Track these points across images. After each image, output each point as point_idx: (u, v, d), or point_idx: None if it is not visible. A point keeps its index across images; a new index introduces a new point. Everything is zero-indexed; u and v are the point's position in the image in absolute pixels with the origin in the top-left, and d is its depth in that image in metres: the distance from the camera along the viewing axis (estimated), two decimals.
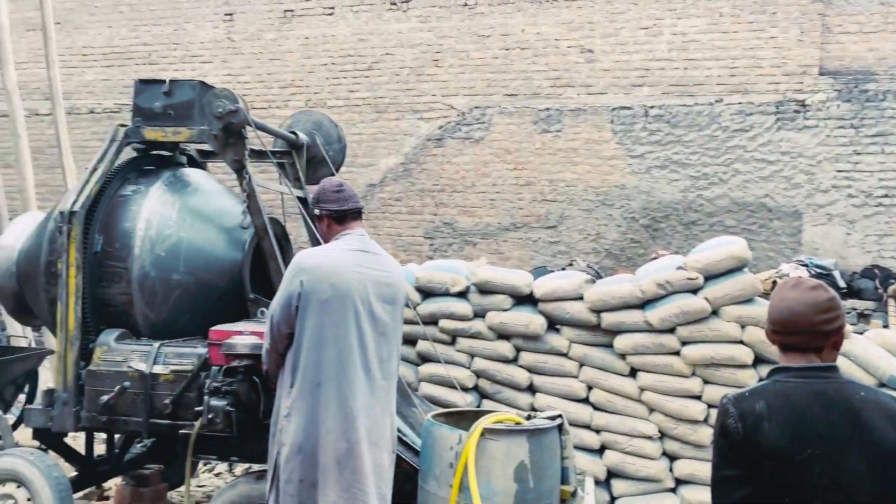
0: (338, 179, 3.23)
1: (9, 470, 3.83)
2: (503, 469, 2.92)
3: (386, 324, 3.00)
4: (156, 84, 4.22)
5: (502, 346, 5.21)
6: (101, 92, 11.35)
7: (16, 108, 7.48)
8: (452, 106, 9.72)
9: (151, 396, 3.75)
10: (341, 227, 3.10)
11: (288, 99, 10.34)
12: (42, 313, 4.32)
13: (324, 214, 3.11)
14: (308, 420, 2.80)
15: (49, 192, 10.12)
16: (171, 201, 4.20)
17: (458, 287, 5.31)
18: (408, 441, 3.87)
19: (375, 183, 9.97)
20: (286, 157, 4.82)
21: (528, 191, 9.46)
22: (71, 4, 11.35)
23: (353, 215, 3.13)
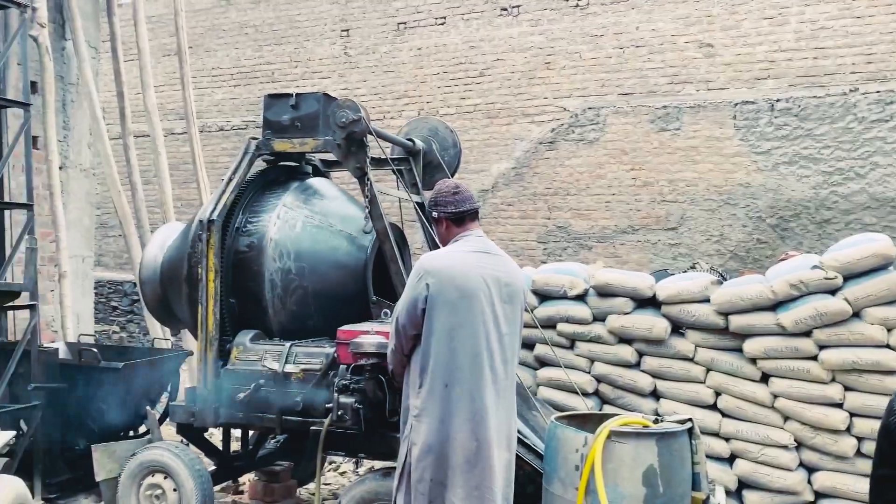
0: (454, 181, 3.25)
1: (157, 462, 4.11)
2: (631, 473, 2.85)
3: (508, 324, 3.01)
4: (283, 98, 4.44)
5: (624, 351, 5.08)
6: (230, 110, 12.04)
7: (156, 127, 8.06)
8: (565, 108, 9.62)
9: (284, 394, 3.93)
10: (460, 229, 3.12)
11: (401, 109, 10.58)
12: (184, 316, 4.62)
13: (442, 217, 3.13)
14: (439, 420, 2.84)
15: (184, 206, 10.84)
16: (298, 209, 4.40)
17: (576, 290, 5.24)
18: (530, 443, 3.86)
19: (487, 188, 10.01)
20: (404, 164, 4.94)
21: (646, 192, 9.20)
22: (201, 29, 12.13)
23: (470, 216, 3.14)
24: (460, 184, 3.23)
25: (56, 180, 6.61)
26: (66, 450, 5.04)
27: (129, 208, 7.71)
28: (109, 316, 11.57)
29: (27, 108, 5.70)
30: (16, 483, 3.29)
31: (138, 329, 11.10)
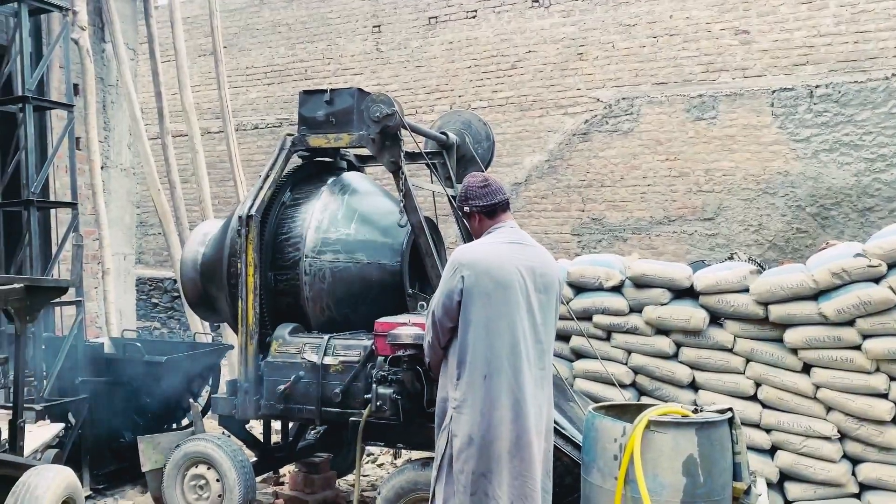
0: (482, 174, 3.25)
1: (200, 452, 4.21)
2: (671, 462, 2.83)
3: (544, 314, 3.01)
4: (318, 94, 4.48)
5: (661, 342, 5.04)
6: (264, 108, 12.19)
7: (193, 126, 8.20)
8: (598, 99, 9.54)
9: (323, 386, 3.99)
10: (492, 221, 3.12)
11: (433, 104, 10.60)
12: (224, 311, 4.71)
13: (474, 211, 3.13)
14: (479, 412, 2.85)
15: (221, 204, 11.02)
16: (334, 203, 4.45)
17: (612, 281, 5.21)
18: (567, 434, 3.86)
19: (521, 181, 9.98)
20: (437, 158, 4.95)
21: (681, 182, 9.09)
22: (235, 29, 12.29)
23: (502, 208, 3.14)
24: (489, 176, 3.24)
25: (98, 180, 6.77)
26: (112, 441, 5.17)
27: (168, 206, 7.87)
28: (150, 312, 11.82)
29: (70, 109, 5.85)
30: (66, 473, 3.39)
31: (178, 325, 11.32)
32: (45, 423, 4.69)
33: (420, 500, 3.52)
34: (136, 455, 4.59)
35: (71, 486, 3.40)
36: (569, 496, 3.80)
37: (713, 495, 2.86)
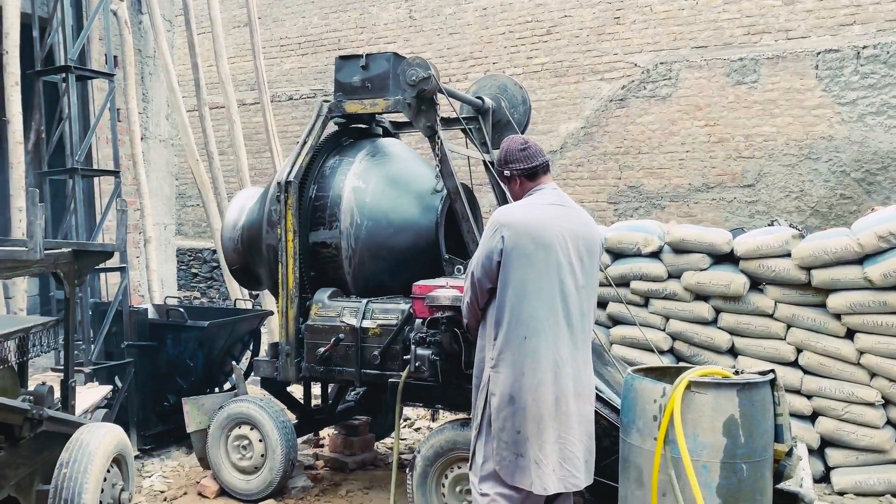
0: (521, 137, 3.20)
1: (243, 414, 4.30)
2: (711, 423, 2.81)
3: (585, 277, 2.99)
4: (354, 59, 4.47)
5: (700, 308, 5.00)
6: (298, 79, 12.22)
7: (230, 96, 8.25)
8: (636, 64, 9.37)
9: (362, 349, 4.04)
10: (533, 184, 3.09)
11: (467, 72, 10.52)
12: (264, 277, 4.78)
13: (514, 174, 3.10)
14: (518, 372, 2.85)
15: (258, 175, 11.12)
16: (370, 169, 4.46)
17: (650, 247, 5.17)
18: (605, 397, 3.86)
19: (556, 149, 9.88)
20: (473, 123, 4.92)
21: (720, 148, 8.92)
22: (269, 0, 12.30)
23: (543, 170, 3.11)
24: (528, 139, 3.19)
25: (138, 150, 6.88)
26: (157, 404, 5.32)
27: (206, 177, 7.96)
28: (190, 282, 12.06)
29: (111, 78, 5.93)
30: (117, 430, 3.50)
31: (218, 294, 11.54)
32: (94, 385, 4.84)
33: (459, 459, 3.56)
34: (180, 417, 4.71)
35: (121, 444, 3.51)
36: (606, 458, 3.82)
37: (754, 456, 2.84)
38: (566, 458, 2.90)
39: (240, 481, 4.31)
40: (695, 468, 2.78)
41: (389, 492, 3.90)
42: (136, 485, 4.42)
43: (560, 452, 2.88)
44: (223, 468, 4.35)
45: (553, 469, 2.87)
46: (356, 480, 4.71)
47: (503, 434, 2.87)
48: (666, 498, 2.84)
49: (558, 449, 2.88)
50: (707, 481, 2.80)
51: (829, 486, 4.54)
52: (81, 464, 3.20)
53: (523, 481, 2.86)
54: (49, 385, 3.51)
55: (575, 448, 2.92)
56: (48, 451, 3.41)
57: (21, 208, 5.72)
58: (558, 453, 2.88)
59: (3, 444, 3.12)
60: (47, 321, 3.58)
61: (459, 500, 3.61)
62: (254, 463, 4.28)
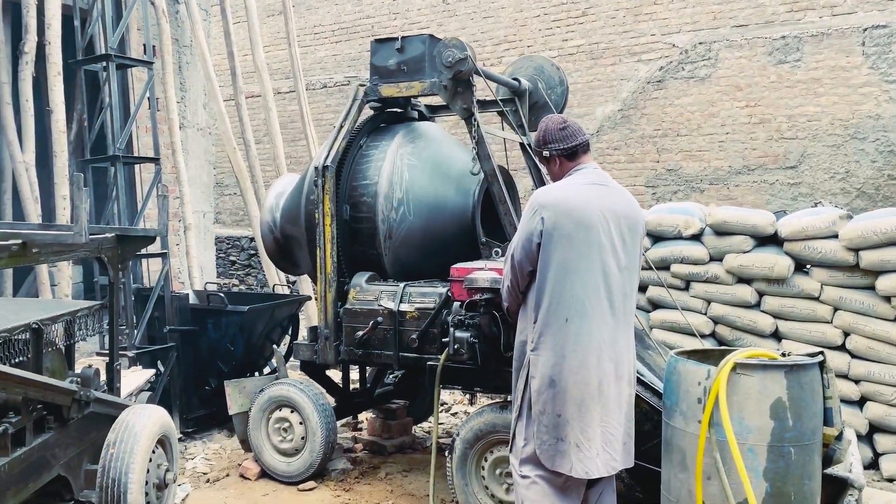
0: (559, 116, 3.12)
1: (284, 396, 4.35)
2: (758, 405, 2.75)
3: (628, 257, 2.94)
4: (389, 42, 4.45)
5: (742, 291, 4.90)
6: (332, 67, 12.24)
7: (265, 84, 8.30)
8: (674, 44, 9.18)
9: (400, 332, 4.04)
10: (573, 163, 3.03)
11: (501, 55, 10.42)
12: (303, 262, 4.81)
13: (553, 154, 3.03)
14: (558, 355, 2.81)
15: (294, 163, 11.20)
16: (407, 153, 4.44)
17: (691, 229, 5.07)
18: (646, 381, 3.81)
19: (592, 132, 9.75)
20: (509, 104, 4.87)
21: (762, 129, 8.71)
22: None
23: (583, 149, 3.04)
24: (567, 118, 3.12)
25: (177, 138, 6.96)
26: (199, 388, 5.41)
27: (244, 165, 8.03)
28: (228, 270, 12.22)
29: (150, 66, 6.01)
30: (161, 412, 3.56)
31: (256, 282, 11.68)
32: (138, 368, 4.93)
33: (498, 442, 3.55)
34: (221, 401, 4.78)
35: (165, 425, 3.57)
36: (647, 443, 3.77)
37: (803, 439, 2.77)
38: (608, 441, 2.87)
39: (281, 463, 4.36)
40: (741, 451, 2.73)
41: (428, 475, 3.91)
42: (180, 467, 4.50)
43: (602, 436, 2.85)
44: (264, 450, 4.40)
45: (597, 453, 2.83)
46: (395, 463, 4.73)
47: (543, 417, 2.84)
48: (711, 481, 2.79)
49: (601, 432, 2.84)
50: (753, 465, 2.74)
51: (877, 472, 4.43)
52: (128, 444, 3.26)
53: (563, 465, 2.83)
54: (95, 368, 3.58)
55: (615, 431, 2.88)
56: (95, 433, 3.48)
57: (65, 196, 5.84)
58: (601, 437, 2.84)
59: (53, 424, 3.20)
60: (92, 305, 3.65)
61: (499, 482, 3.60)
62: (294, 445, 4.32)
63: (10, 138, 6.50)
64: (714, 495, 2.78)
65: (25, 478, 2.95)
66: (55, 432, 3.18)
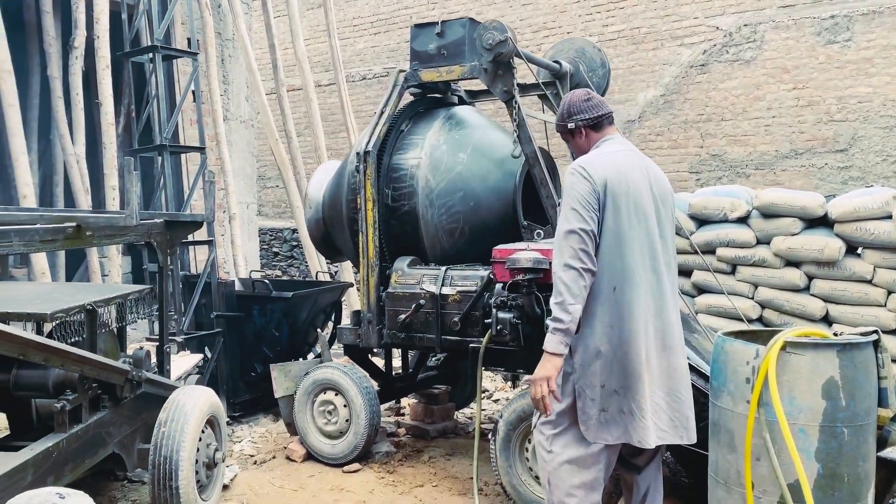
0: (583, 90, 3.04)
1: (329, 379, 4.40)
2: (809, 385, 2.69)
3: (669, 225, 2.88)
4: (429, 27, 4.45)
5: (791, 274, 4.79)
6: (371, 58, 12.31)
7: (306, 75, 8.40)
8: (718, 27, 9.00)
9: (442, 315, 4.06)
10: (599, 135, 2.93)
11: (540, 42, 10.35)
12: (346, 248, 4.85)
13: (580, 125, 2.91)
14: (607, 325, 2.73)
15: (334, 155, 11.29)
16: (447, 137, 4.44)
17: (738, 212, 4.98)
18: (692, 363, 3.75)
19: (634, 118, 9.63)
20: (550, 87, 4.83)
21: (810, 112, 8.49)
22: None
23: (608, 120, 2.95)
24: (590, 90, 3.06)
25: (221, 129, 7.09)
26: (245, 373, 5.50)
27: (286, 156, 8.14)
28: (272, 261, 12.41)
29: (195, 56, 6.12)
30: (210, 393, 3.64)
31: (298, 273, 11.83)
32: (186, 353, 5.04)
33: None
34: (267, 385, 4.86)
35: (214, 406, 3.65)
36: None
37: (856, 420, 2.70)
38: (656, 412, 2.81)
39: (326, 445, 4.42)
40: (791, 432, 2.67)
41: (471, 458, 3.92)
42: (227, 449, 4.59)
43: (652, 407, 2.79)
44: (309, 433, 4.46)
45: (651, 423, 2.77)
46: (437, 447, 4.75)
47: (590, 391, 2.77)
48: (760, 462, 2.74)
49: (651, 403, 2.78)
50: (805, 445, 2.68)
51: None
52: (178, 423, 3.34)
53: (610, 434, 2.76)
54: (146, 349, 3.68)
55: (661, 401, 2.82)
56: (147, 413, 3.58)
57: (114, 187, 6.00)
58: (651, 407, 2.78)
59: (107, 403, 3.30)
60: (143, 289, 3.75)
61: None
62: (339, 428, 4.37)
63: (62, 131, 6.71)
64: (763, 476, 2.72)
65: (82, 454, 3.05)
66: (109, 411, 3.28)
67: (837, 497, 2.66)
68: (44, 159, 8.89)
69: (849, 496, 2.67)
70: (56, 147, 7.38)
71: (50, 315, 2.93)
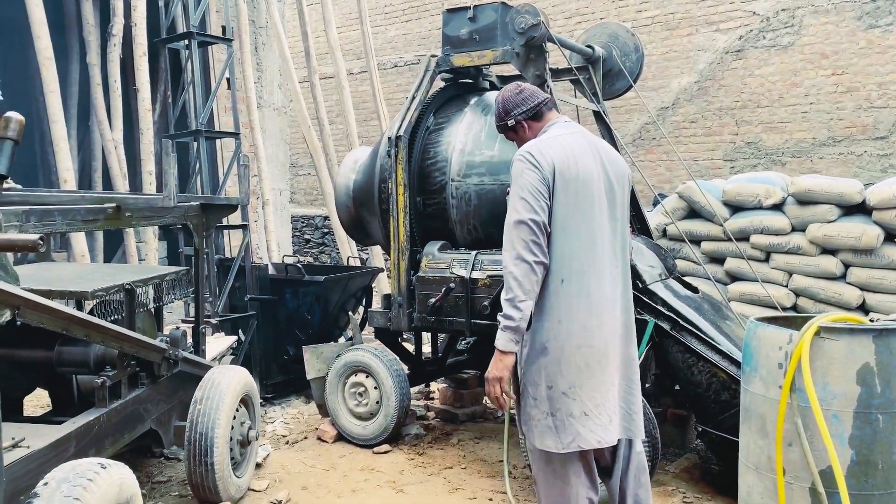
0: (512, 84, 2.90)
1: (359, 362, 4.45)
2: (843, 371, 2.66)
3: (621, 208, 2.74)
4: (461, 12, 4.45)
5: (827, 262, 4.73)
6: (402, 46, 12.32)
7: (339, 62, 8.45)
8: (754, 12, 8.83)
9: (472, 299, 4.08)
10: (541, 123, 2.78)
11: (573, 29, 10.26)
12: (376, 232, 4.89)
13: (519, 120, 2.78)
14: (555, 320, 2.54)
15: (365, 143, 11.35)
16: (478, 122, 4.45)
17: (772, 199, 4.92)
18: (724, 350, 3.73)
19: (668, 105, 9.51)
20: (583, 72, 4.80)
21: (849, 98, 8.31)
22: None
23: (547, 107, 2.80)
24: (520, 83, 2.90)
25: (255, 116, 7.17)
26: (278, 355, 5.59)
27: (318, 143, 8.21)
28: (303, 248, 12.54)
29: (229, 43, 6.20)
30: (244, 372, 3.71)
31: (330, 259, 11.95)
32: (220, 335, 5.14)
33: None
34: (299, 368, 4.93)
35: (248, 385, 3.73)
36: (725, 412, 3.71)
37: (891, 406, 2.66)
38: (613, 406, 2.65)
39: (356, 427, 4.48)
40: (824, 418, 2.65)
41: (500, 442, 3.95)
42: (260, 429, 4.68)
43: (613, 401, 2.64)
44: (340, 414, 4.53)
45: (610, 419, 2.59)
46: (467, 431, 4.79)
47: (531, 389, 2.58)
48: (792, 448, 2.72)
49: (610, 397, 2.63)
50: (838, 431, 2.66)
51: None
52: (214, 401, 3.42)
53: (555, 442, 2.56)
54: (183, 330, 3.76)
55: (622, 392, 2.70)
56: (183, 391, 3.67)
57: (151, 171, 6.11)
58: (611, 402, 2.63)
59: (145, 381, 3.39)
60: (179, 270, 3.83)
61: None
62: (369, 409, 4.43)
63: (100, 117, 6.85)
64: (795, 462, 2.70)
65: (121, 429, 3.14)
66: (147, 388, 3.37)
67: (871, 484, 2.63)
68: (83, 145, 9.10)
69: (882, 483, 2.65)
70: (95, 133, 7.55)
71: (91, 293, 3.02)
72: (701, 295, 4.24)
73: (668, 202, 5.52)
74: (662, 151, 9.49)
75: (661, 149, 9.53)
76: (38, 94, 8.00)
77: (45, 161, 9.51)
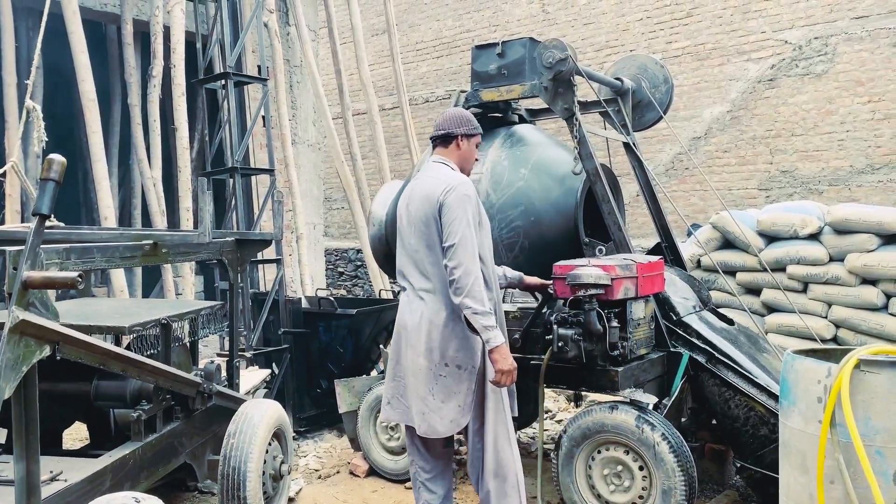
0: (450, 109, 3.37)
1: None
2: (886, 405, 2.58)
3: (416, 239, 3.38)
4: (490, 48, 4.51)
5: (867, 292, 4.62)
6: (434, 81, 12.50)
7: (371, 99, 8.60)
8: (787, 41, 8.78)
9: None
10: None
11: (603, 61, 10.31)
12: None
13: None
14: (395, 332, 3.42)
15: (397, 177, 11.48)
16: (508, 153, 4.48)
17: (809, 228, 4.84)
18: (761, 383, 3.65)
19: (700, 135, 9.46)
20: (612, 104, 4.82)
21: (887, 125, 8.17)
22: (404, 5, 12.68)
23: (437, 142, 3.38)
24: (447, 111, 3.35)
25: (290, 152, 7.31)
26: (310, 389, 5.62)
27: (351, 178, 8.33)
28: (337, 281, 12.65)
29: (265, 82, 6.35)
30: (277, 406, 3.73)
31: (363, 292, 12.02)
32: (254, 368, 5.19)
33: (606, 441, 3.49)
34: (332, 401, 4.94)
35: (281, 418, 3.74)
36: (764, 447, 3.61)
37: None
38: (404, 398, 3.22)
39: (388, 461, 4.46)
40: (867, 454, 2.56)
41: (534, 477, 3.89)
42: (293, 463, 4.68)
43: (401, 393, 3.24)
44: (373, 448, 4.51)
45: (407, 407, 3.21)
46: None
47: None
48: (834, 485, 2.64)
49: (394, 386, 3.27)
50: (882, 468, 2.57)
51: None
52: (246, 435, 3.43)
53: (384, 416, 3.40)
54: (217, 363, 3.81)
55: (410, 404, 3.18)
56: (217, 425, 3.70)
57: (188, 208, 6.25)
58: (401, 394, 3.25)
59: (180, 414, 3.43)
60: (214, 304, 3.89)
61: (606, 482, 3.53)
62: (401, 444, 4.41)
63: (140, 156, 7.05)
64: (838, 500, 2.62)
65: (156, 463, 3.17)
66: (182, 422, 3.41)
67: None
68: (123, 183, 9.36)
69: None
70: (135, 171, 7.76)
71: (128, 328, 3.08)
72: (737, 327, 4.17)
73: (702, 233, 5.46)
74: (696, 181, 9.41)
75: (694, 179, 9.45)
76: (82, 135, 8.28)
77: (87, 199, 9.81)
